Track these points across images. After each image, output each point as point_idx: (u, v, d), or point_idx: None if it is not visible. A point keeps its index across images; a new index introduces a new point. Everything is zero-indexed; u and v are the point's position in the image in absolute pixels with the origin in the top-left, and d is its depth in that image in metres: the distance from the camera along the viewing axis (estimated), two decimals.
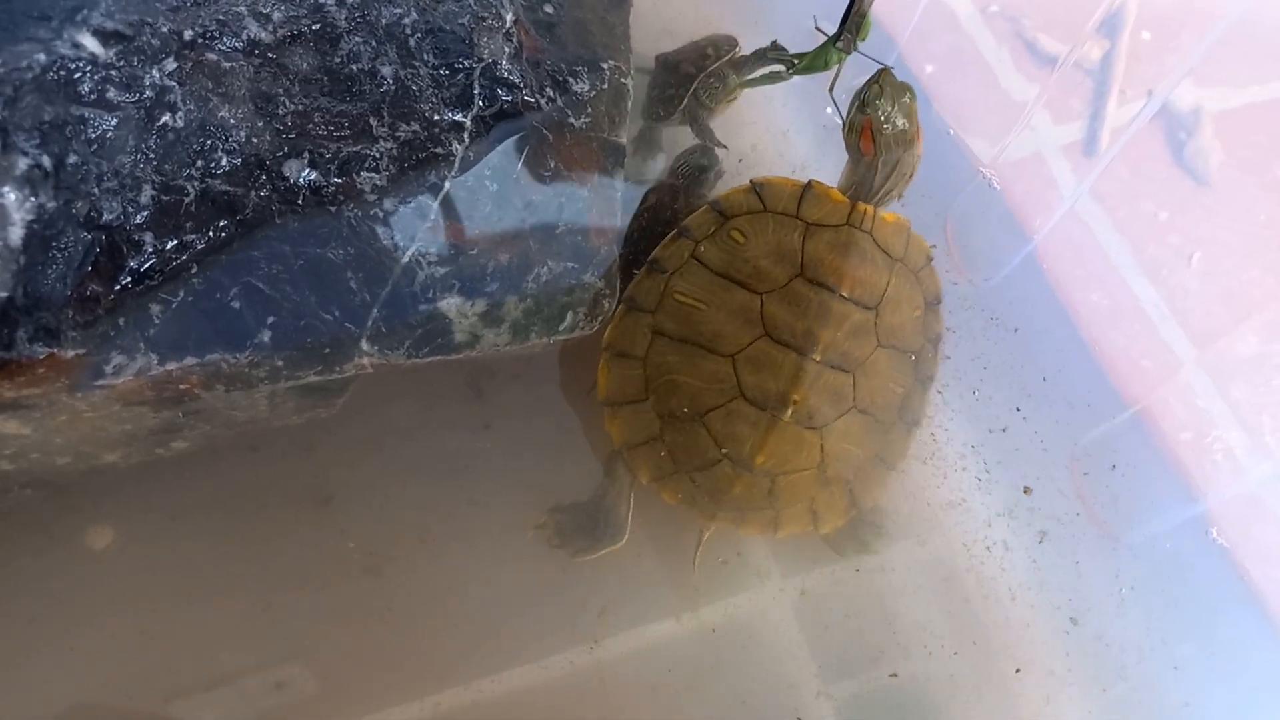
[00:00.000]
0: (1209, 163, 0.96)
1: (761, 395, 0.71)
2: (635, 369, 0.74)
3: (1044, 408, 0.87)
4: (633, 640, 0.77)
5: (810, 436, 0.71)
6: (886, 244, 0.73)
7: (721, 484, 0.73)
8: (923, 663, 0.78)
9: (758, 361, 0.71)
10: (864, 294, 0.72)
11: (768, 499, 0.73)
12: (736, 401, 0.71)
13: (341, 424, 0.76)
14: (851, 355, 0.72)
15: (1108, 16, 1.00)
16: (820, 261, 0.71)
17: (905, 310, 0.75)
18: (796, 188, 0.74)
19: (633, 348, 0.74)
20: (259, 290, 0.59)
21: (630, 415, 0.74)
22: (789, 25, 1.00)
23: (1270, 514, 0.82)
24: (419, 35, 0.64)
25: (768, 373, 0.71)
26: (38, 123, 0.53)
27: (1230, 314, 0.90)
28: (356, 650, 0.74)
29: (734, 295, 0.72)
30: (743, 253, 0.73)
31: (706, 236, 0.74)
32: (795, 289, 0.71)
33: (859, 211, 0.73)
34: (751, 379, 0.71)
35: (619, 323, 0.75)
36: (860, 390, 0.72)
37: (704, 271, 0.73)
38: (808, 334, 0.70)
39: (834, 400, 0.72)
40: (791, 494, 0.74)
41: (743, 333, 0.71)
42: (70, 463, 0.66)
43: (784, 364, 0.70)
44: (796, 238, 0.72)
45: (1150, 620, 0.80)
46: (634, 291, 0.75)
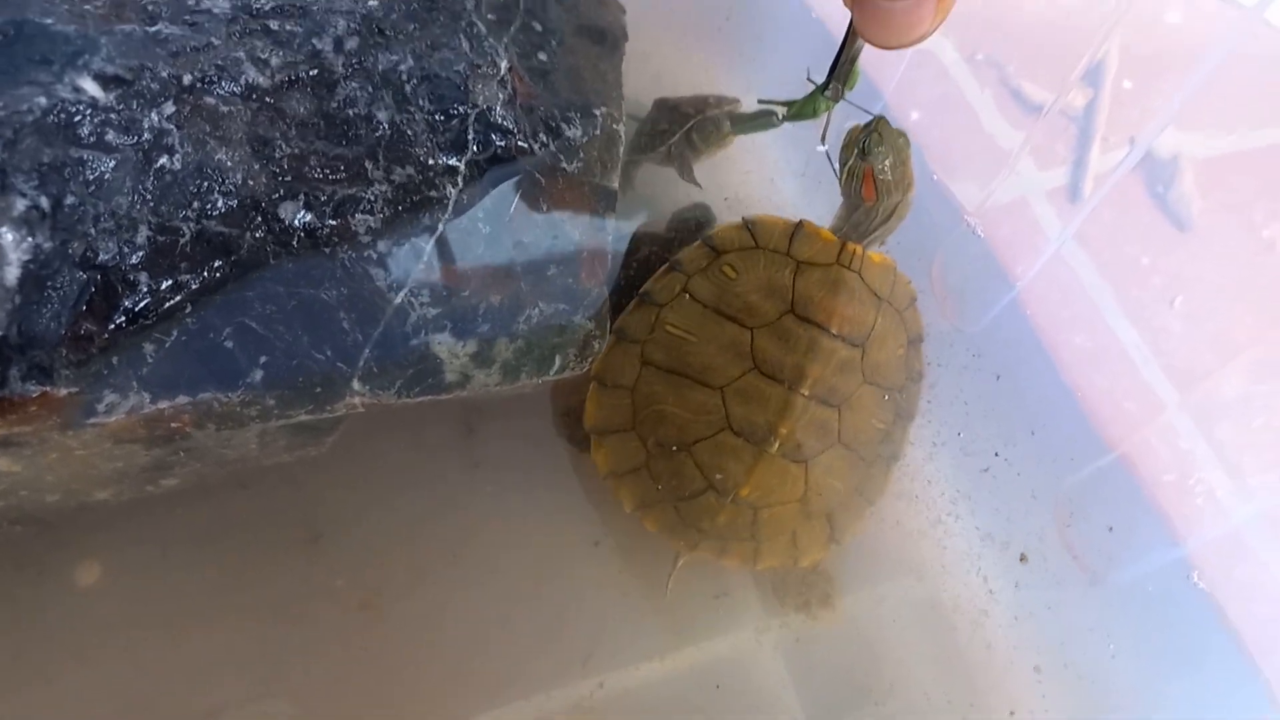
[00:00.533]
0: (1190, 208, 0.98)
1: (749, 428, 0.71)
2: (623, 398, 0.75)
3: (1028, 450, 0.88)
4: (619, 680, 0.77)
5: (795, 470, 0.72)
6: (874, 283, 0.75)
7: (706, 514, 0.73)
8: (908, 703, 0.78)
9: (746, 394, 0.72)
10: (852, 331, 0.73)
11: (750, 530, 0.74)
12: (724, 434, 0.72)
13: (331, 462, 0.77)
14: (838, 391, 0.73)
15: (1091, 65, 1.02)
16: (810, 299, 0.73)
17: (890, 348, 0.76)
18: (788, 226, 0.76)
19: (621, 377, 0.75)
20: (252, 330, 0.60)
21: (616, 444, 0.75)
22: (776, 73, 1.02)
23: (1251, 556, 0.83)
24: (415, 81, 0.65)
25: (756, 406, 0.72)
26: (37, 164, 0.53)
27: (1213, 356, 0.91)
28: (344, 685, 0.74)
29: (724, 329, 0.73)
30: (734, 287, 0.74)
31: (698, 271, 0.76)
32: (785, 325, 0.73)
33: (848, 251, 0.74)
34: (740, 411, 0.72)
35: (608, 353, 0.76)
36: (845, 425, 0.74)
37: (695, 305, 0.75)
38: (797, 369, 0.71)
39: (819, 434, 0.73)
40: (774, 526, 0.74)
41: (732, 366, 0.73)
42: (60, 500, 0.67)
43: (772, 398, 0.71)
44: (788, 274, 0.74)
45: (1134, 662, 0.81)
46: (624, 323, 0.76)
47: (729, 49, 1.06)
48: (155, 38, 0.59)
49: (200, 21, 0.61)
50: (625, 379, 0.75)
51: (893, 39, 0.50)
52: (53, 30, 0.56)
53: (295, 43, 0.63)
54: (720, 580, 0.80)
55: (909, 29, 0.49)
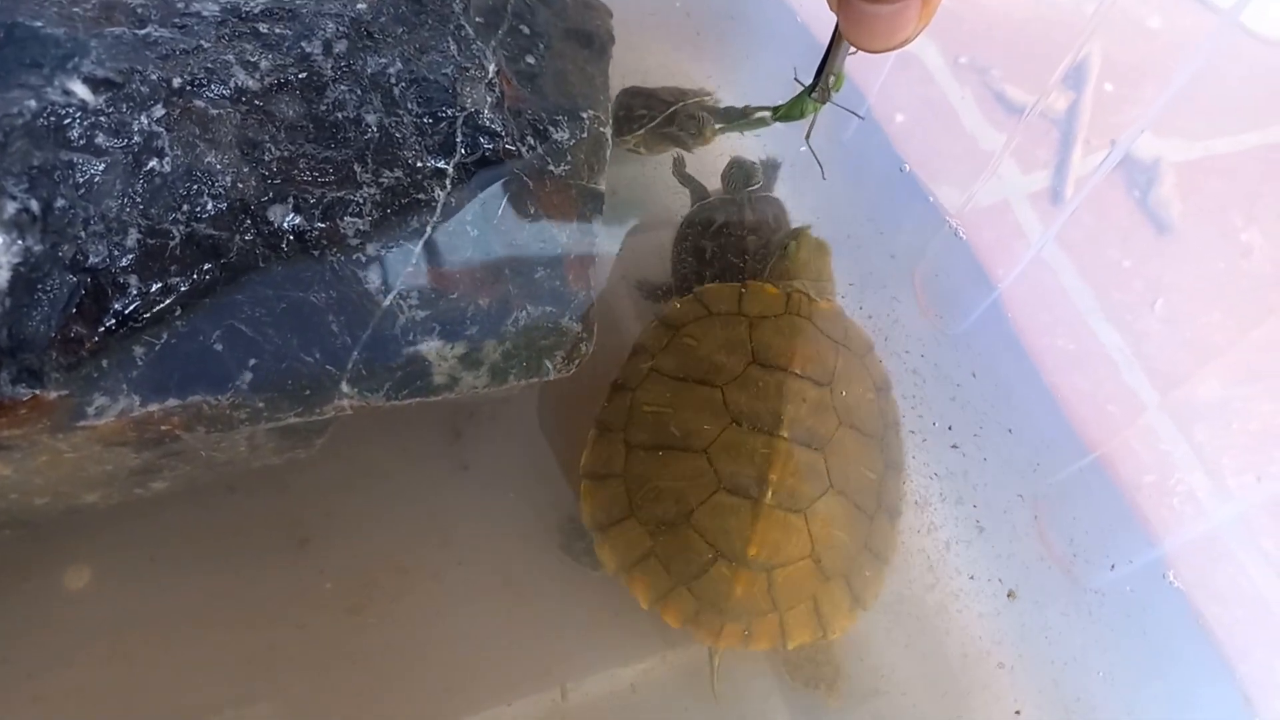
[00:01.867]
0: (1171, 211, 0.99)
1: (741, 483, 0.72)
2: (616, 487, 0.75)
3: (1008, 451, 0.88)
4: (604, 683, 0.77)
5: (795, 520, 0.72)
6: (826, 328, 0.78)
7: (721, 588, 0.72)
8: (891, 703, 0.79)
9: (731, 449, 0.72)
10: (816, 370, 0.74)
11: (769, 599, 0.72)
12: (719, 494, 0.72)
13: (320, 465, 0.77)
14: (817, 432, 0.73)
15: (1072, 69, 1.03)
16: (769, 346, 0.75)
17: (858, 389, 0.77)
18: (735, 290, 0.79)
19: (610, 466, 0.75)
20: (241, 333, 0.60)
21: (619, 536, 0.74)
22: (762, 76, 1.03)
23: (1229, 558, 0.84)
24: (403, 84, 0.65)
25: (743, 459, 0.72)
26: (26, 167, 0.53)
27: (1193, 358, 0.92)
28: (333, 688, 0.74)
29: (696, 392, 0.75)
30: (696, 353, 0.76)
31: (661, 350, 0.77)
32: (751, 374, 0.74)
33: (795, 299, 0.77)
34: (728, 468, 0.72)
35: (593, 448, 0.76)
36: (833, 469, 0.74)
37: (664, 379, 0.76)
38: (772, 414, 0.73)
39: (810, 479, 0.73)
40: (792, 591, 0.73)
41: (710, 425, 0.73)
42: (49, 503, 0.66)
43: (755, 447, 0.72)
44: (744, 330, 0.76)
45: (1111, 663, 0.82)
46: (602, 415, 0.77)
47: (717, 53, 1.07)
48: (145, 40, 0.59)
49: (189, 24, 0.61)
50: (614, 467, 0.75)
51: (877, 43, 0.50)
52: (42, 33, 0.56)
53: (284, 46, 0.63)
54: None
55: (893, 33, 0.49)
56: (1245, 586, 0.83)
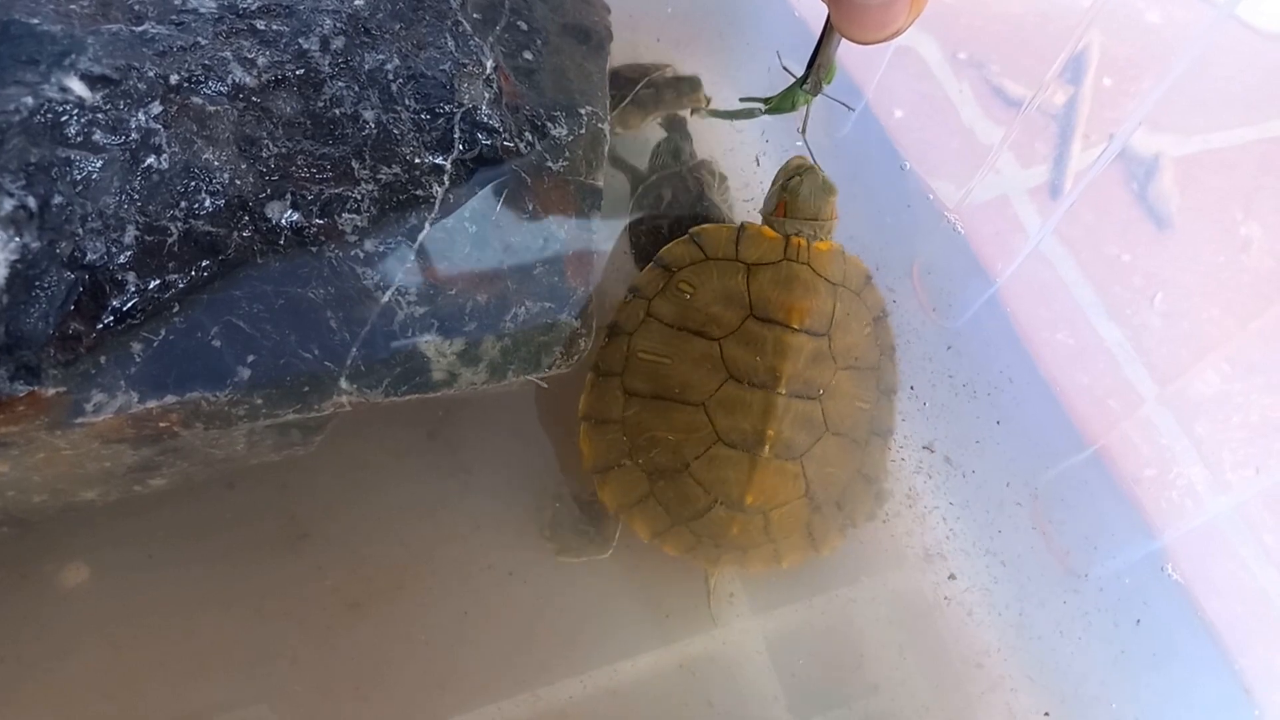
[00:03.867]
0: (1169, 205, 0.99)
1: (738, 437, 0.72)
2: (615, 432, 0.76)
3: (1007, 445, 0.88)
4: (602, 678, 0.77)
5: (792, 467, 0.73)
6: (825, 271, 0.76)
7: (719, 528, 0.74)
8: (891, 700, 0.79)
9: (728, 404, 0.73)
10: (814, 323, 0.74)
11: (765, 534, 0.75)
12: (716, 446, 0.73)
13: (318, 462, 0.77)
14: (814, 382, 0.74)
15: (1070, 63, 1.03)
16: (767, 299, 0.74)
17: (855, 330, 0.77)
18: (732, 232, 0.77)
19: (609, 412, 0.76)
20: (240, 329, 0.60)
21: (619, 478, 0.76)
22: (759, 71, 1.02)
23: (1228, 551, 0.84)
24: (401, 81, 0.65)
25: (740, 414, 0.72)
26: (24, 164, 0.53)
27: (1191, 352, 0.92)
28: (329, 684, 0.74)
29: (693, 345, 0.74)
30: (693, 303, 0.75)
31: (657, 293, 0.77)
32: (749, 329, 0.73)
33: (793, 245, 0.75)
34: (725, 422, 0.72)
35: (591, 391, 0.77)
36: (830, 414, 0.75)
37: (661, 327, 0.76)
38: (770, 370, 0.72)
39: (807, 428, 0.74)
40: (787, 525, 0.75)
41: (709, 379, 0.73)
42: (47, 500, 0.66)
43: (753, 403, 0.72)
44: (740, 280, 0.75)
45: (1110, 655, 0.82)
46: (600, 358, 0.77)
47: (715, 48, 1.07)
48: (142, 37, 0.59)
49: (187, 21, 0.61)
50: (613, 413, 0.76)
51: (868, 34, 0.51)
52: (39, 30, 0.56)
53: (282, 42, 0.63)
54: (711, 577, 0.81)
55: (884, 24, 0.49)
56: (1244, 579, 0.83)
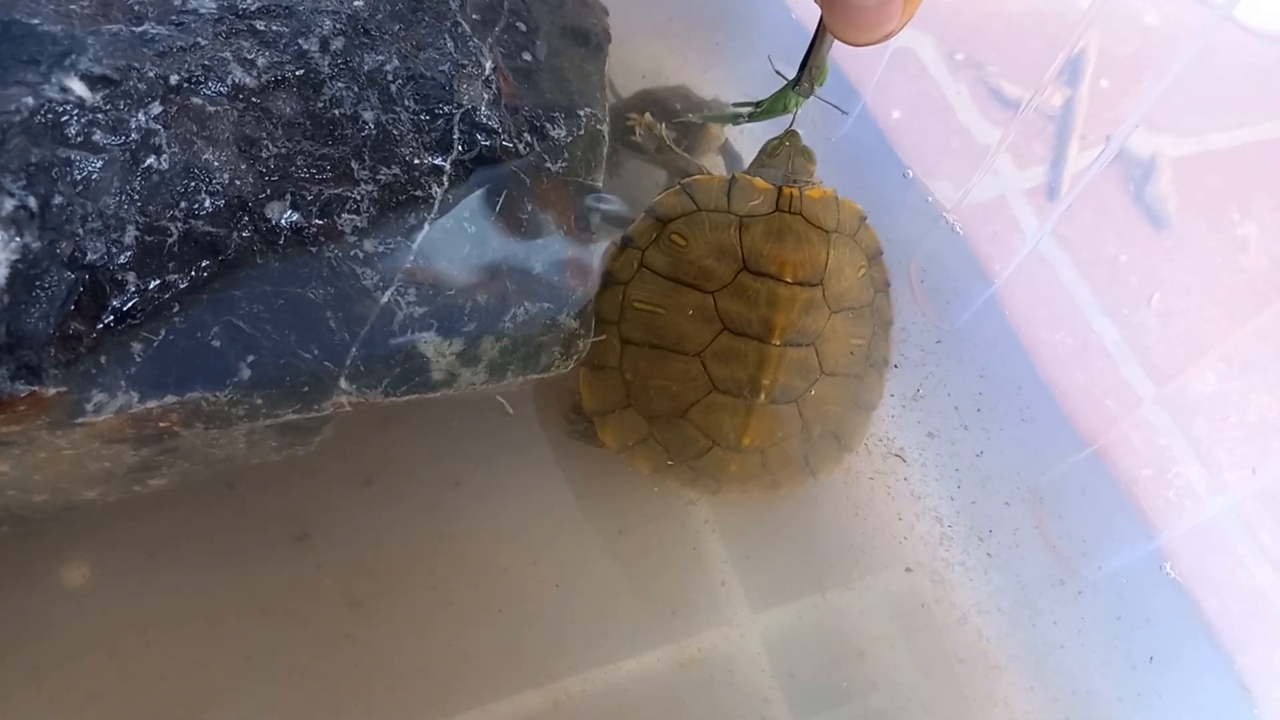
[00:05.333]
0: (1167, 206, 0.99)
1: (734, 385, 0.74)
2: (613, 378, 0.77)
3: (1005, 444, 0.89)
4: (602, 677, 0.77)
5: (788, 409, 0.76)
6: (818, 219, 0.76)
7: (718, 466, 0.77)
8: (891, 698, 0.79)
9: (723, 355, 0.74)
10: (807, 274, 0.74)
11: (762, 468, 0.78)
12: (712, 395, 0.75)
13: (319, 461, 0.77)
14: (808, 330, 0.75)
15: (1068, 64, 1.03)
16: (759, 252, 0.74)
17: (849, 274, 0.77)
18: (724, 183, 0.77)
19: (607, 359, 0.77)
20: (239, 329, 0.60)
21: (618, 421, 0.78)
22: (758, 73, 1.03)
23: (1225, 548, 0.84)
24: (400, 81, 0.65)
25: (736, 364, 0.74)
26: (24, 164, 0.54)
27: (1189, 352, 0.92)
28: (331, 684, 0.74)
29: (687, 296, 0.75)
30: (686, 255, 0.76)
31: (650, 244, 0.77)
32: (742, 283, 0.74)
33: (785, 196, 0.76)
34: (721, 372, 0.74)
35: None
36: (825, 357, 0.76)
37: (655, 278, 0.76)
38: (764, 322, 0.73)
39: (802, 373, 0.75)
40: (784, 459, 0.78)
41: (704, 331, 0.75)
42: (47, 500, 0.67)
43: (748, 353, 0.74)
44: (733, 233, 0.75)
45: (1109, 654, 0.82)
46: (597, 306, 0.77)
47: (713, 50, 1.07)
48: (142, 38, 0.59)
49: (187, 22, 0.61)
50: (611, 360, 0.77)
51: (861, 36, 0.51)
52: (39, 30, 0.56)
53: (281, 43, 0.63)
54: (711, 574, 0.81)
55: (877, 26, 0.50)
56: (1242, 578, 0.84)
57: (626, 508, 0.83)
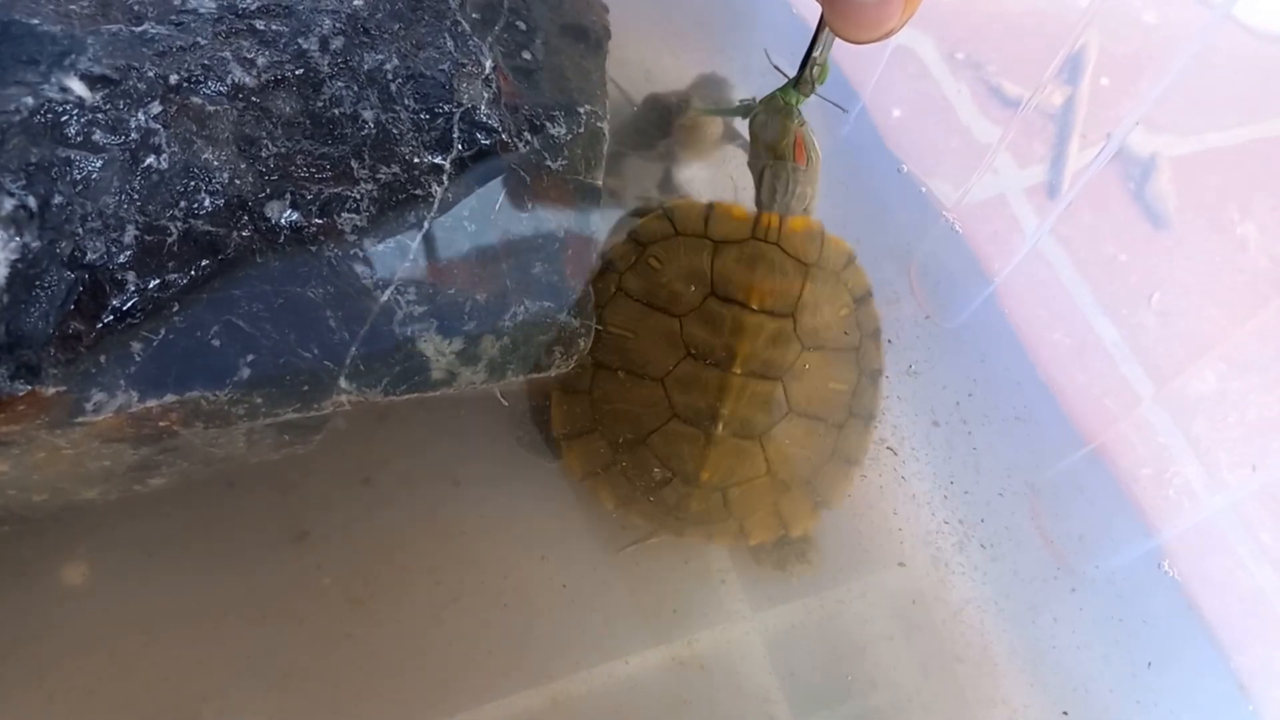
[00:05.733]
0: (1167, 205, 0.99)
1: (694, 413, 0.74)
2: (583, 402, 0.77)
3: (1005, 443, 0.89)
4: (602, 675, 0.77)
5: (749, 446, 0.74)
6: (797, 251, 0.75)
7: (679, 502, 0.76)
8: (891, 696, 0.79)
9: (685, 382, 0.74)
10: (775, 304, 0.74)
11: (725, 511, 0.76)
12: (673, 422, 0.74)
13: (318, 460, 0.77)
14: (774, 363, 0.74)
15: (1068, 63, 1.03)
16: (728, 278, 0.74)
17: (827, 311, 0.77)
18: (703, 208, 0.77)
19: (578, 382, 0.77)
20: (239, 328, 0.60)
21: (584, 446, 0.77)
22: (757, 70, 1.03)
23: (1224, 547, 0.84)
24: (400, 80, 0.65)
25: (696, 391, 0.73)
26: (24, 164, 0.53)
27: (1189, 351, 0.93)
28: (330, 682, 0.74)
29: (656, 321, 0.75)
30: (659, 278, 0.76)
31: (628, 267, 0.77)
32: (709, 308, 0.74)
33: (763, 224, 0.75)
34: (682, 399, 0.74)
35: None
36: (794, 395, 0.75)
37: (629, 301, 0.76)
38: (726, 349, 0.73)
39: (766, 408, 0.74)
40: (748, 503, 0.76)
41: (668, 356, 0.74)
42: (47, 499, 0.67)
43: (708, 381, 0.73)
44: (706, 258, 0.75)
45: (1107, 652, 0.82)
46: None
47: (713, 48, 1.07)
48: (141, 38, 0.59)
49: (186, 21, 0.61)
50: (582, 384, 0.77)
51: (862, 34, 0.51)
52: (39, 30, 0.56)
53: (281, 42, 0.63)
54: (709, 572, 0.81)
55: (878, 24, 0.50)
56: (1241, 577, 0.84)
57: None
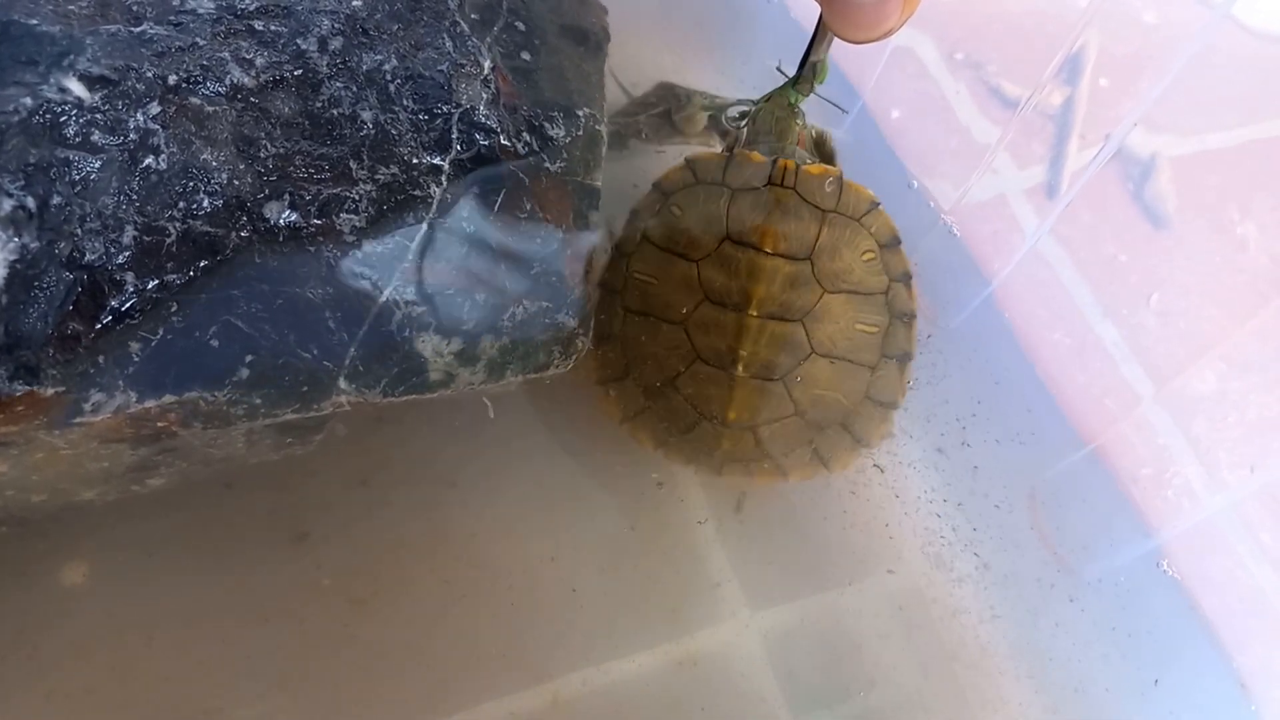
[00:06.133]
0: (1166, 205, 0.99)
1: (714, 354, 0.75)
2: (615, 348, 0.79)
3: (1004, 444, 0.89)
4: (601, 676, 0.77)
5: (774, 387, 0.75)
6: (813, 196, 0.75)
7: (710, 442, 0.78)
8: (889, 697, 0.79)
9: (704, 324, 0.75)
10: (791, 247, 0.74)
11: (759, 450, 0.78)
12: (696, 364, 0.76)
13: (317, 461, 0.77)
14: (793, 305, 0.74)
15: (1067, 63, 1.03)
16: (744, 222, 0.75)
17: (848, 255, 0.76)
18: (721, 158, 0.78)
19: (610, 328, 0.79)
20: (238, 329, 0.60)
21: (620, 392, 0.79)
22: (756, 71, 1.03)
23: (1224, 547, 0.84)
24: (399, 81, 0.65)
25: (715, 333, 0.75)
26: (23, 165, 0.54)
27: (1188, 351, 0.92)
28: (330, 683, 0.74)
29: (676, 266, 0.76)
30: (679, 225, 0.77)
31: (653, 215, 0.79)
32: (724, 252, 0.75)
33: (779, 169, 0.75)
34: (702, 341, 0.75)
35: (599, 308, 0.79)
36: (817, 336, 0.75)
37: (653, 248, 0.78)
38: (742, 292, 0.74)
39: (788, 349, 0.75)
40: (783, 442, 0.78)
41: (687, 299, 0.75)
42: (46, 500, 0.67)
43: (726, 324, 0.74)
44: (722, 204, 0.76)
45: (1107, 652, 0.82)
46: (605, 277, 0.79)
47: (712, 48, 1.07)
48: (140, 38, 0.59)
49: (185, 22, 0.61)
50: (614, 329, 0.79)
51: (861, 34, 0.51)
52: (38, 30, 0.56)
53: (280, 43, 0.63)
54: (709, 574, 0.81)
55: (876, 24, 0.50)
56: (1241, 577, 0.84)
57: (624, 508, 0.83)
